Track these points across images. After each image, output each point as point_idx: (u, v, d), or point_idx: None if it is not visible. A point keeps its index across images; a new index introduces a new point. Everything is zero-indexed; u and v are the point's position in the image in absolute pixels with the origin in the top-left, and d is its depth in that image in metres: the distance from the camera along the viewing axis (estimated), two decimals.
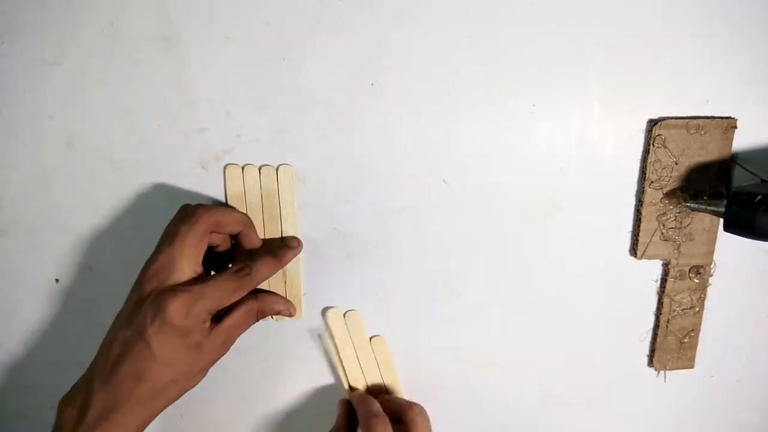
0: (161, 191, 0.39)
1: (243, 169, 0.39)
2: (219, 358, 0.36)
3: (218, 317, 0.35)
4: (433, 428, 0.40)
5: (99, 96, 0.38)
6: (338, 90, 0.38)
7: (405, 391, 0.45)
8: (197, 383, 0.36)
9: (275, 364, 0.44)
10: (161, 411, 0.35)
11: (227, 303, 0.34)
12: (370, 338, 0.43)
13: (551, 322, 0.44)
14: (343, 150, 0.39)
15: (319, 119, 0.39)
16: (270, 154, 0.39)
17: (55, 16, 0.36)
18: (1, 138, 0.38)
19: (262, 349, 0.43)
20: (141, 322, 0.32)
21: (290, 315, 0.39)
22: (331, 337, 0.42)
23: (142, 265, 0.35)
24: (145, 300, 0.33)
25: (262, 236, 0.40)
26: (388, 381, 0.44)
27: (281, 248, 0.38)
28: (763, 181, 0.40)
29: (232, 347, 0.36)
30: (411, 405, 0.40)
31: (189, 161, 0.39)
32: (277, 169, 0.39)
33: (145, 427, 0.35)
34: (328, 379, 0.44)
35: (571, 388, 0.46)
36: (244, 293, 0.35)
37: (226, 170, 0.39)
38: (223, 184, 0.39)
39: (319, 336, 0.43)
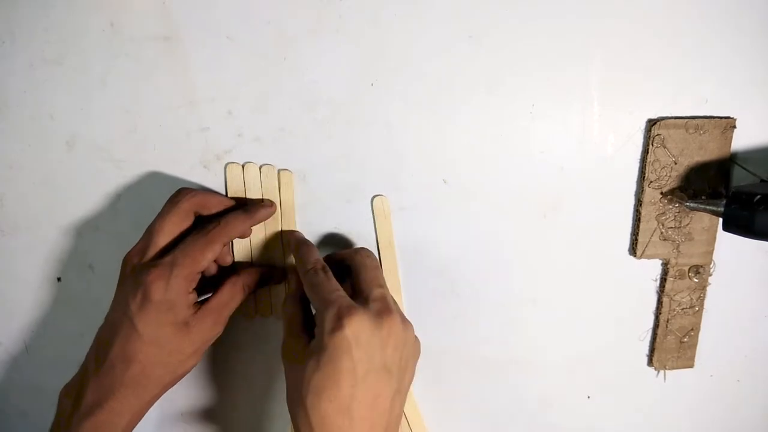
0: (162, 191, 0.39)
1: (243, 167, 0.39)
2: (211, 339, 0.35)
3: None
4: (430, 426, 0.39)
5: (100, 96, 0.38)
6: (339, 90, 0.38)
7: None
8: (191, 367, 0.35)
9: (275, 362, 0.44)
10: (155, 398, 0.34)
11: (202, 262, 0.33)
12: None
13: (551, 322, 0.44)
14: (343, 150, 0.40)
15: (320, 119, 0.39)
16: (271, 153, 0.39)
17: (56, 16, 0.36)
18: (1, 138, 0.38)
19: (263, 347, 0.43)
20: (124, 301, 0.33)
21: (280, 281, 0.39)
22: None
23: None
24: (127, 279, 0.33)
25: (262, 234, 0.40)
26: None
27: (254, 205, 0.38)
28: (762, 180, 0.40)
29: (232, 347, 0.36)
30: (357, 250, 0.37)
31: (190, 161, 0.39)
32: (278, 171, 0.39)
33: (140, 417, 0.34)
34: None
35: (571, 388, 0.46)
36: (216, 247, 0.34)
37: (227, 169, 0.39)
38: (224, 183, 0.39)
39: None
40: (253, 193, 0.39)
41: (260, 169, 0.39)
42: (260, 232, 0.40)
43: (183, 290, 0.33)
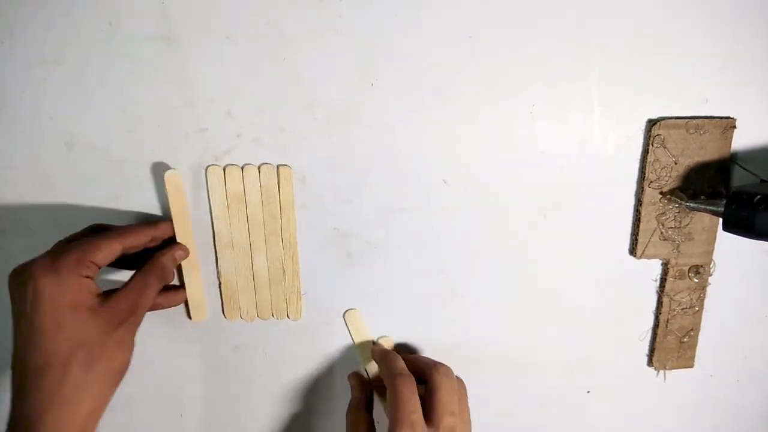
0: (161, 191, 0.39)
1: (243, 168, 0.39)
2: (135, 324, 0.34)
3: None
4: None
5: (99, 96, 0.38)
6: (338, 90, 0.38)
7: None
8: (121, 362, 0.34)
9: (275, 363, 0.44)
10: (92, 408, 0.32)
11: (92, 253, 0.32)
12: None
13: (551, 322, 0.44)
14: (343, 150, 0.39)
15: (320, 119, 0.39)
16: (270, 154, 0.39)
17: (55, 16, 0.36)
18: (1, 138, 0.38)
19: (262, 348, 0.43)
20: (19, 309, 0.31)
21: (186, 254, 0.39)
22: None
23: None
24: (14, 290, 0.32)
25: (262, 234, 0.40)
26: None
27: (159, 221, 0.38)
28: (762, 180, 0.40)
29: (232, 348, 0.36)
30: (437, 365, 0.37)
31: (189, 161, 0.39)
32: (277, 166, 0.39)
33: (94, 421, 0.32)
34: (327, 379, 0.44)
35: (571, 388, 0.46)
36: (115, 243, 0.34)
37: (226, 170, 0.39)
38: (224, 186, 0.39)
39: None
40: (253, 194, 0.39)
41: (259, 169, 0.39)
42: (261, 232, 0.40)
43: (72, 272, 0.32)
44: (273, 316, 0.42)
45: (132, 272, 0.36)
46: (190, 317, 0.42)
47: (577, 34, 0.38)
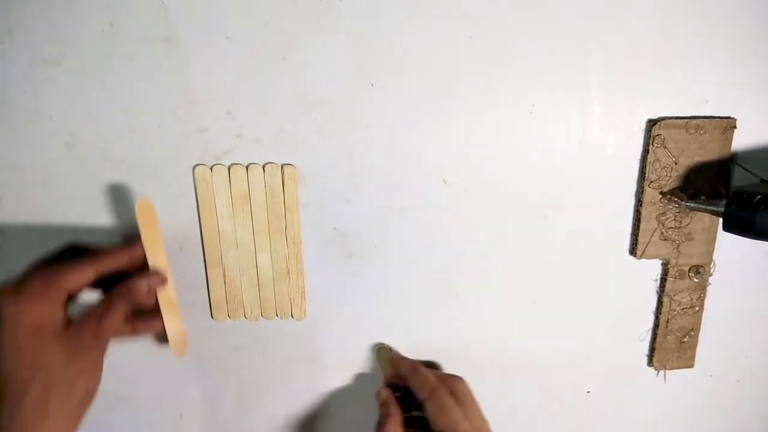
0: (161, 191, 0.39)
1: (247, 168, 0.39)
2: (99, 350, 0.33)
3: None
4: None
5: (99, 96, 0.38)
6: (338, 90, 0.38)
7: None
8: (86, 390, 0.33)
9: (275, 363, 0.44)
10: (71, 426, 0.31)
11: (62, 278, 0.32)
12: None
13: (551, 322, 0.44)
14: (343, 150, 0.39)
15: (320, 119, 0.39)
16: (270, 154, 0.39)
17: (56, 16, 0.36)
18: (1, 138, 0.38)
19: (262, 348, 0.43)
20: None
21: (163, 282, 0.37)
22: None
23: None
24: None
25: (266, 233, 0.40)
26: None
27: (136, 241, 0.36)
28: (762, 180, 0.40)
29: (232, 349, 0.36)
30: (455, 377, 0.39)
31: (189, 161, 0.39)
32: (282, 166, 0.39)
33: None
34: (327, 379, 0.44)
35: (571, 388, 0.46)
36: (86, 269, 0.33)
37: (231, 170, 0.39)
38: (228, 185, 0.39)
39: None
40: (258, 193, 0.39)
41: (263, 168, 0.39)
42: (265, 231, 0.40)
43: (36, 297, 0.31)
44: (277, 315, 0.42)
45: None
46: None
47: (577, 35, 0.38)
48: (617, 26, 0.38)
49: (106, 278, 0.35)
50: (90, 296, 0.36)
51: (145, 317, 0.38)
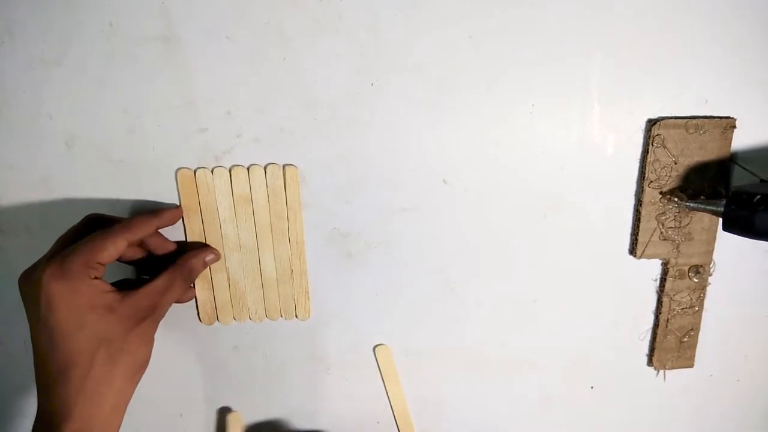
0: (161, 191, 0.39)
1: (249, 169, 0.39)
2: (156, 321, 0.35)
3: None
4: (432, 426, 0.39)
5: (99, 96, 0.38)
6: (338, 90, 0.38)
7: (406, 391, 0.45)
8: (143, 356, 0.34)
9: (275, 363, 0.44)
10: (116, 402, 0.33)
11: (101, 253, 0.33)
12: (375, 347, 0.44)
13: (551, 322, 0.44)
14: (343, 150, 0.39)
15: (320, 119, 0.39)
16: (270, 154, 0.39)
17: (55, 16, 0.36)
18: (1, 138, 0.38)
19: (262, 348, 0.43)
20: (35, 312, 0.32)
21: (217, 258, 0.39)
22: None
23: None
24: (27, 294, 0.33)
25: (269, 234, 0.40)
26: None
27: (162, 209, 0.38)
28: (762, 180, 0.40)
29: (232, 349, 0.36)
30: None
31: (189, 161, 0.39)
32: (284, 166, 0.39)
33: (118, 417, 0.33)
34: (327, 379, 0.44)
35: (571, 388, 0.46)
36: (117, 241, 0.34)
37: (232, 172, 0.39)
38: (230, 188, 0.39)
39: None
40: (260, 195, 0.39)
41: (265, 169, 0.39)
42: (268, 232, 0.40)
43: (81, 276, 0.32)
44: (282, 316, 0.42)
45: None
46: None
47: (577, 34, 0.38)
48: (617, 26, 0.38)
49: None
50: None
51: None
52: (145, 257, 0.38)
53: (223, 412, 0.45)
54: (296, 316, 0.42)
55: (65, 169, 0.39)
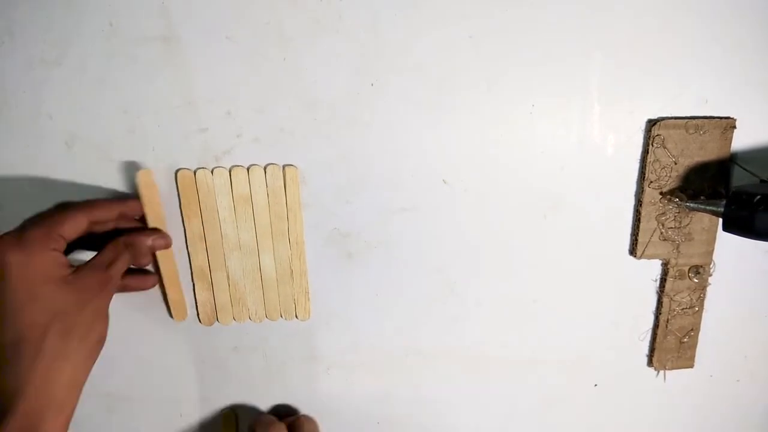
0: (161, 191, 0.39)
1: (248, 169, 0.39)
2: (107, 295, 0.34)
3: None
4: (432, 426, 0.39)
5: (99, 96, 0.38)
6: (338, 90, 0.38)
7: (406, 391, 0.45)
8: (99, 334, 0.33)
9: (275, 363, 0.44)
10: (72, 379, 0.31)
11: (58, 226, 0.32)
12: None
13: (551, 322, 0.44)
14: (343, 150, 0.39)
15: (320, 119, 0.39)
16: (270, 154, 0.39)
17: (55, 16, 0.36)
18: (1, 138, 0.38)
19: (262, 348, 0.43)
20: None
21: (166, 243, 0.38)
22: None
23: None
24: None
25: (269, 235, 0.40)
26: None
27: (127, 197, 0.38)
28: (762, 181, 0.40)
29: (231, 349, 0.36)
30: (308, 420, 0.42)
31: (189, 161, 0.39)
32: (283, 167, 0.39)
33: (74, 393, 0.32)
34: (327, 379, 0.44)
35: (571, 388, 0.46)
36: (80, 216, 0.34)
37: (232, 172, 0.39)
38: (230, 188, 0.39)
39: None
40: (259, 195, 0.39)
41: (265, 169, 0.39)
42: (268, 233, 0.40)
43: (39, 246, 0.31)
44: (282, 316, 0.42)
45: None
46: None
47: (577, 34, 0.38)
48: (617, 26, 0.38)
49: (99, 235, 0.36)
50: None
51: (137, 274, 0.39)
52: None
53: (223, 413, 0.45)
54: (296, 317, 0.42)
55: (65, 169, 0.39)
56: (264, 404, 0.45)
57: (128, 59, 0.37)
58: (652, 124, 0.40)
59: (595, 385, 0.46)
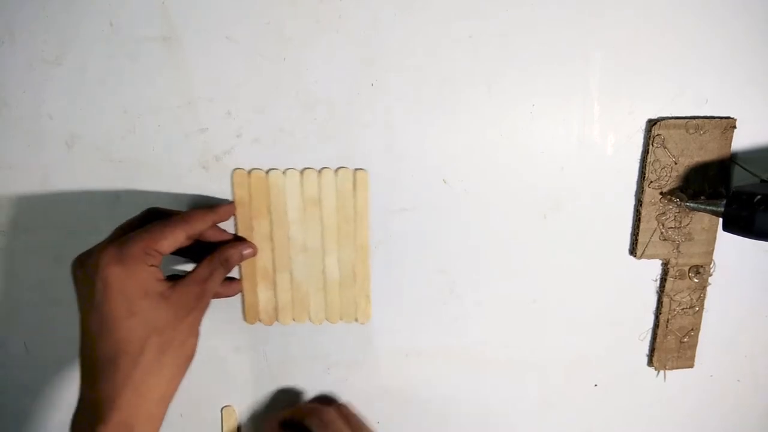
0: (161, 192, 0.39)
1: (320, 172, 0.39)
2: (201, 311, 0.35)
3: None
4: (432, 426, 0.39)
5: (99, 96, 0.38)
6: (338, 90, 0.38)
7: (407, 391, 0.45)
8: (191, 347, 0.34)
9: (275, 363, 0.44)
10: (163, 393, 0.32)
11: (158, 242, 0.33)
12: None
13: (551, 322, 0.44)
14: (343, 150, 0.39)
15: (320, 119, 0.39)
16: (270, 154, 0.39)
17: (55, 16, 0.36)
18: (1, 138, 0.38)
19: (262, 348, 0.43)
20: (88, 297, 0.31)
21: (254, 254, 0.39)
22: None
23: None
24: (81, 278, 0.32)
25: (335, 237, 0.40)
26: None
27: (218, 204, 0.38)
28: (762, 180, 0.40)
29: (232, 350, 0.36)
30: (343, 406, 0.42)
31: (189, 161, 0.39)
32: (354, 171, 0.39)
33: (163, 408, 0.33)
34: (327, 379, 0.44)
35: (571, 388, 0.46)
36: (179, 231, 0.34)
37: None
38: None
39: None
40: (329, 198, 0.39)
41: (336, 172, 0.39)
42: (335, 236, 0.40)
43: (139, 261, 0.32)
44: (341, 319, 0.42)
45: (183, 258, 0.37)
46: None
47: (577, 35, 0.38)
48: (617, 26, 0.38)
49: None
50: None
51: (223, 282, 0.39)
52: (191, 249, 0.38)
53: (224, 408, 0.45)
54: (356, 319, 0.42)
55: (65, 169, 0.39)
56: (264, 404, 0.45)
57: (128, 59, 0.37)
58: (652, 124, 0.40)
59: (595, 385, 0.46)
